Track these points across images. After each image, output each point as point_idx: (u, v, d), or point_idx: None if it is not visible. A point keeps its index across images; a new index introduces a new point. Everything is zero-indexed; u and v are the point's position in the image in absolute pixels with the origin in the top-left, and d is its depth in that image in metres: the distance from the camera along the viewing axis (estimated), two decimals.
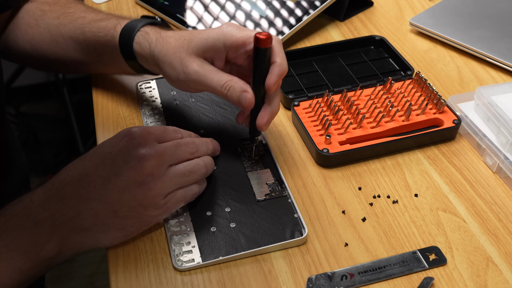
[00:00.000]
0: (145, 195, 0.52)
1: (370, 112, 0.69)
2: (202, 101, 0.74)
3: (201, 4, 0.90)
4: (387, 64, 0.81)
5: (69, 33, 0.71)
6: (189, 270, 0.55)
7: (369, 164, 0.66)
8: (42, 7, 0.74)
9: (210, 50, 0.60)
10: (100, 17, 0.70)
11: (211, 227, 0.58)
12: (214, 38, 0.59)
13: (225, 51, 0.60)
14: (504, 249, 0.56)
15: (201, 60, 0.60)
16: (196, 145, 0.58)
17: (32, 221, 0.51)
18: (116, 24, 0.67)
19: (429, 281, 0.53)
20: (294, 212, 0.59)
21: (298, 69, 0.79)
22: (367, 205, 0.61)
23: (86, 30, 0.69)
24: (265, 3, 0.88)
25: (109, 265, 0.55)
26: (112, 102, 0.75)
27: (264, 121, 0.60)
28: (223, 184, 0.62)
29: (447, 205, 0.61)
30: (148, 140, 0.54)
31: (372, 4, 0.96)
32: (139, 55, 0.65)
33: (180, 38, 0.62)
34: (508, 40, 0.83)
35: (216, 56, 0.60)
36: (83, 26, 0.69)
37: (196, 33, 0.61)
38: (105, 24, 0.68)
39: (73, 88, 1.98)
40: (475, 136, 0.67)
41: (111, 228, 0.53)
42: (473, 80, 0.79)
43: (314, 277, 0.53)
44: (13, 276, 0.51)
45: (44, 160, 1.90)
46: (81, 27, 0.70)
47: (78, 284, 1.61)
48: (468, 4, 0.92)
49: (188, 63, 0.60)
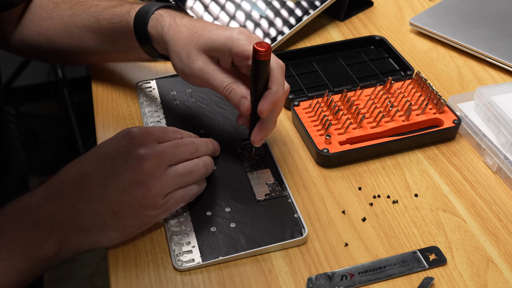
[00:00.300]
0: (144, 195, 0.52)
1: (370, 112, 0.69)
2: (202, 101, 0.74)
3: (201, 4, 0.90)
4: (387, 64, 0.81)
5: (83, 22, 0.71)
6: (189, 270, 0.55)
7: (369, 164, 0.66)
8: (54, 0, 0.74)
9: (217, 52, 0.59)
10: (114, 3, 0.70)
11: (211, 227, 0.58)
12: (222, 43, 0.58)
13: (231, 57, 0.59)
14: (504, 249, 0.56)
15: (207, 58, 0.60)
16: (195, 145, 0.58)
17: (32, 221, 0.51)
18: (130, 9, 0.67)
19: (429, 281, 0.53)
20: (294, 212, 0.59)
21: (298, 69, 0.79)
22: (367, 205, 0.61)
23: (100, 17, 0.69)
24: (265, 3, 0.88)
25: (109, 265, 0.55)
26: (112, 102, 0.75)
27: (257, 138, 0.60)
28: (223, 184, 0.62)
29: (447, 205, 0.61)
30: (148, 140, 0.54)
31: (372, 4, 0.96)
32: (153, 39, 0.65)
33: (192, 29, 0.61)
34: (508, 40, 0.83)
35: (222, 58, 0.60)
36: (97, 14, 0.69)
37: (208, 29, 0.61)
38: (119, 10, 0.68)
39: (73, 88, 1.98)
40: (475, 136, 0.67)
41: (111, 228, 0.53)
42: (473, 80, 0.79)
43: (314, 277, 0.53)
44: (12, 275, 0.51)
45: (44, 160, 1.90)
46: (95, 15, 0.70)
47: (78, 284, 1.60)
48: (468, 4, 0.92)
49: (194, 59, 0.60)
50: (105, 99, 0.76)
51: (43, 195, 0.53)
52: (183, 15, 0.65)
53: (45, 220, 0.51)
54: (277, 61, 0.58)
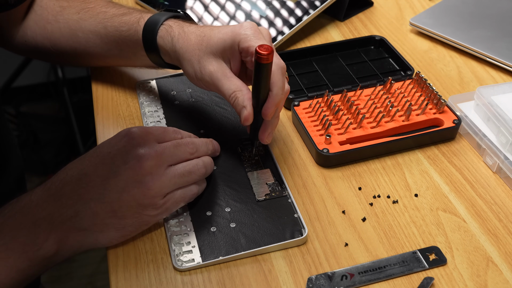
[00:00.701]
0: (144, 195, 0.52)
1: (370, 112, 0.69)
2: (202, 101, 0.74)
3: (201, 4, 0.90)
4: (387, 64, 0.81)
5: (90, 28, 0.71)
6: (189, 270, 0.54)
7: (369, 164, 0.66)
8: (61, 4, 0.74)
9: (227, 51, 0.60)
10: (122, 11, 0.70)
11: (211, 227, 0.58)
12: (231, 39, 0.59)
13: (239, 52, 0.60)
14: (504, 249, 0.56)
15: (218, 62, 0.60)
16: (195, 145, 0.58)
17: (31, 220, 0.51)
18: (139, 18, 0.67)
19: (429, 281, 0.53)
20: (294, 212, 0.59)
21: (298, 69, 0.79)
22: (367, 205, 0.61)
23: (108, 24, 0.69)
24: (265, 3, 0.88)
25: (109, 265, 0.55)
26: (112, 102, 0.75)
27: (265, 135, 0.61)
28: (223, 184, 0.62)
29: (447, 205, 0.61)
30: (148, 140, 0.54)
31: (372, 4, 0.96)
32: (162, 49, 0.66)
33: (201, 34, 0.62)
34: (508, 40, 0.83)
35: (232, 56, 0.60)
36: (105, 20, 0.70)
37: (216, 31, 0.61)
38: (128, 18, 0.68)
39: (73, 88, 1.98)
40: (475, 136, 0.67)
41: (110, 228, 0.53)
42: (473, 80, 0.79)
43: (314, 277, 0.53)
44: (11, 275, 0.50)
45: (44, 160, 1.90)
46: (103, 21, 0.70)
47: (78, 284, 1.60)
48: (468, 4, 0.92)
49: (205, 64, 0.60)
50: (105, 99, 0.76)
51: (43, 195, 0.53)
52: (191, 23, 0.66)
53: (44, 220, 0.51)
54: (278, 62, 0.58)
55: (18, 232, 0.51)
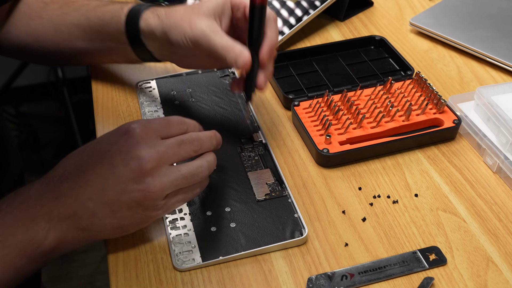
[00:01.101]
0: (144, 197, 0.51)
1: (370, 112, 0.69)
2: (202, 101, 0.74)
3: None
4: (387, 64, 0.81)
5: (73, 21, 0.71)
6: (189, 270, 0.54)
7: (369, 164, 0.66)
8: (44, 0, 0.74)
9: (219, 8, 0.62)
10: (105, 3, 0.71)
11: (211, 227, 0.58)
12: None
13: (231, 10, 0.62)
14: (504, 249, 0.56)
15: (209, 20, 0.61)
16: (200, 141, 0.55)
17: (29, 218, 0.51)
18: (122, 6, 0.68)
19: (429, 281, 0.53)
20: (294, 212, 0.59)
21: (298, 69, 0.79)
22: (367, 205, 0.61)
23: (90, 15, 0.70)
24: None
25: (109, 265, 0.55)
26: (112, 102, 0.75)
27: (262, 82, 0.62)
28: (223, 184, 0.62)
29: (447, 205, 0.61)
30: (149, 137, 0.52)
31: (372, 4, 0.96)
32: (146, 34, 0.66)
33: (190, 6, 0.64)
34: (508, 40, 0.83)
35: (223, 14, 0.62)
36: (88, 12, 0.70)
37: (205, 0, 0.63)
38: (111, 7, 0.69)
39: (73, 88, 1.99)
40: (475, 136, 0.67)
41: (109, 227, 0.53)
42: (473, 80, 0.79)
43: (314, 277, 0.53)
44: (9, 272, 0.50)
45: (44, 160, 1.90)
46: (86, 13, 0.70)
47: (78, 284, 1.60)
48: (468, 4, 0.92)
49: (197, 23, 0.61)
50: (105, 99, 0.76)
51: (41, 190, 0.52)
52: None
53: (43, 218, 0.51)
54: (269, 11, 0.61)
55: (16, 229, 0.50)
